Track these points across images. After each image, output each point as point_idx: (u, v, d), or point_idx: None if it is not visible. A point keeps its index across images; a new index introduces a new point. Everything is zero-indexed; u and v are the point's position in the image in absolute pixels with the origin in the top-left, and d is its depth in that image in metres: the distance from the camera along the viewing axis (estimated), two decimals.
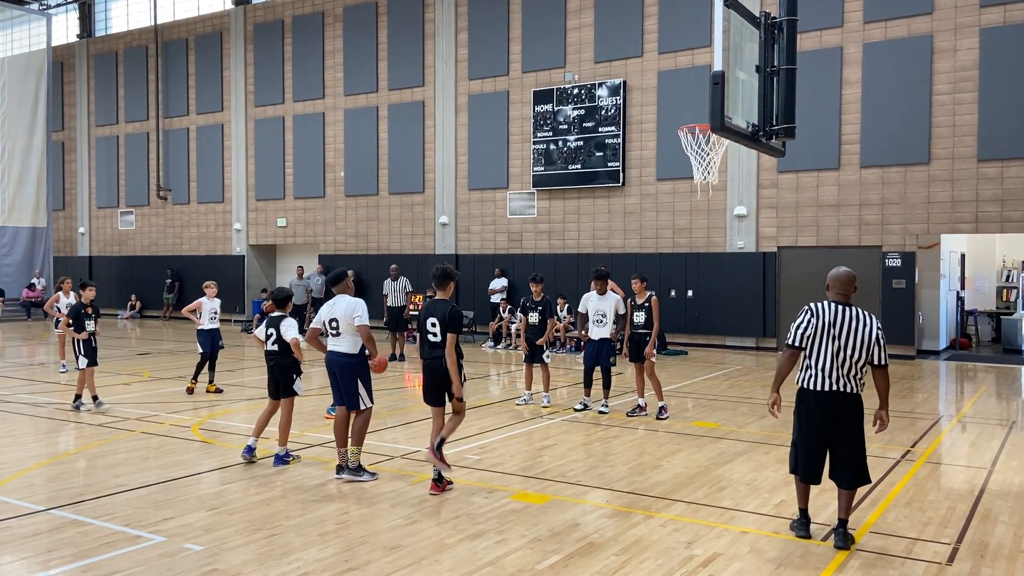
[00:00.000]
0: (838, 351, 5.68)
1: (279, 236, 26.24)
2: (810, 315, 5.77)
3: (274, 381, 8.06)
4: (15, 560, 5.48)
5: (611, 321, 10.61)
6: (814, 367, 5.74)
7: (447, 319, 6.84)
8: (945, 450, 9.06)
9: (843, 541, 5.66)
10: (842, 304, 5.79)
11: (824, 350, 5.70)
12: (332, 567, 5.31)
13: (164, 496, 6.87)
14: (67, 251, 31.51)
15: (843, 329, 5.69)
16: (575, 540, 5.82)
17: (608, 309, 10.60)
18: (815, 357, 5.74)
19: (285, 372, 8.00)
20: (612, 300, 10.62)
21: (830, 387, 5.70)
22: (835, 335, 5.69)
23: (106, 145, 30.35)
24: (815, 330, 5.73)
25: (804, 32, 16.22)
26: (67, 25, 32.08)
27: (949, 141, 16.77)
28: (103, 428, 9.78)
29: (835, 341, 5.68)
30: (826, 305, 5.80)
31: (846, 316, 5.72)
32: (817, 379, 5.73)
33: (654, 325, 10.45)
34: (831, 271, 5.98)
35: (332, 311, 7.49)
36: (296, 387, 8.04)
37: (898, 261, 17.24)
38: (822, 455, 5.82)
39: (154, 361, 16.61)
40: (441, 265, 7.12)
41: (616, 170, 19.99)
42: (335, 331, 7.47)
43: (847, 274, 5.88)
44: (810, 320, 5.75)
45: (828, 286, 5.93)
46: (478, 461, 8.07)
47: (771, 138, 8.55)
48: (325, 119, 24.89)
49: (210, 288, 12.28)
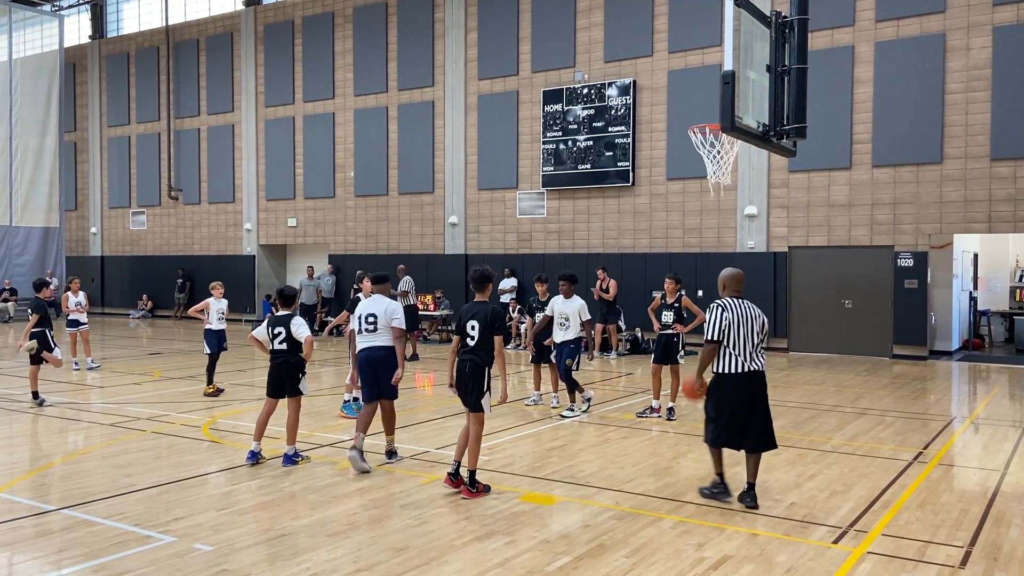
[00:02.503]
0: (748, 337, 6.61)
1: (289, 236, 26.31)
2: (724, 311, 6.63)
3: (279, 380, 8.00)
4: (27, 560, 5.50)
5: (575, 325, 10.59)
6: (733, 353, 6.60)
7: (489, 320, 6.84)
8: (958, 452, 8.99)
9: (754, 501, 6.56)
10: (737, 298, 6.75)
11: (739, 338, 6.59)
12: (341, 567, 5.30)
13: (174, 496, 6.89)
14: (79, 251, 31.68)
15: (747, 318, 6.64)
16: (585, 542, 5.80)
17: (572, 313, 10.59)
18: (732, 345, 6.59)
19: (292, 371, 7.96)
20: (577, 304, 10.60)
21: (748, 368, 6.59)
22: (742, 324, 6.61)
23: (118, 145, 30.51)
24: (729, 324, 6.59)
25: (815, 31, 16.15)
26: (79, 26, 32.26)
27: (962, 140, 16.65)
28: (114, 428, 9.82)
29: (743, 328, 6.60)
30: (729, 301, 6.71)
31: (745, 308, 6.69)
32: (737, 363, 6.59)
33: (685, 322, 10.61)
34: (724, 271, 6.94)
35: (372, 307, 7.87)
36: (302, 386, 8.03)
37: (910, 261, 17.14)
38: (742, 425, 6.63)
39: (165, 361, 16.68)
40: (480, 267, 7.08)
41: (626, 170, 19.95)
42: (371, 327, 7.81)
43: (740, 273, 6.91)
44: (725, 315, 6.61)
45: (724, 285, 6.85)
46: (487, 462, 8.06)
47: (782, 138, 8.51)
48: (335, 119, 24.94)
49: (217, 289, 12.28)
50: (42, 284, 11.88)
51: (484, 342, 6.85)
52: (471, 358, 6.86)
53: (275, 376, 8.04)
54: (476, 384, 6.84)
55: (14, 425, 10.05)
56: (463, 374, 6.91)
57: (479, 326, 6.85)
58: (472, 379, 6.85)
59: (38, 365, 11.19)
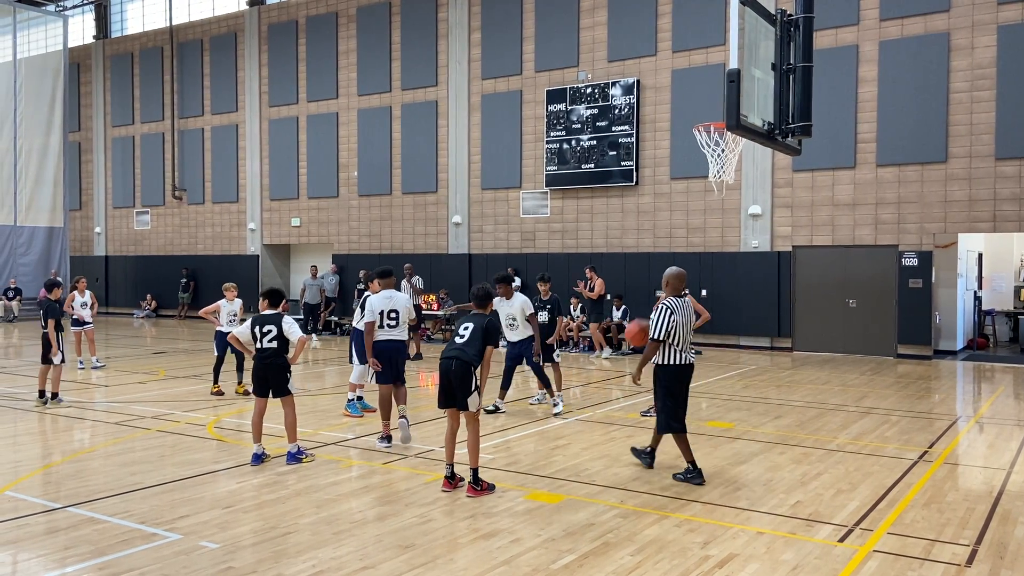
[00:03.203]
0: (687, 333, 7.42)
1: (293, 236, 26.33)
2: (672, 312, 7.29)
3: (264, 380, 7.89)
4: (33, 557, 5.52)
5: (522, 322, 10.56)
6: (676, 349, 7.35)
7: (484, 328, 6.97)
8: (963, 451, 8.98)
9: (700, 477, 7.26)
10: (678, 297, 7.44)
11: (681, 335, 7.35)
12: (346, 565, 5.31)
13: (180, 494, 6.90)
14: (83, 251, 31.75)
15: (687, 317, 7.41)
16: (590, 540, 5.80)
17: (516, 312, 10.58)
18: (677, 342, 7.34)
19: (279, 372, 7.89)
20: (519, 302, 10.52)
21: (686, 360, 7.42)
22: (683, 322, 7.34)
23: (122, 145, 30.56)
24: (675, 323, 7.28)
25: (820, 30, 16.14)
26: (83, 26, 32.31)
27: (966, 139, 16.62)
28: (119, 427, 9.84)
29: (684, 327, 7.35)
30: (674, 302, 7.37)
31: (685, 305, 7.44)
32: (679, 357, 7.37)
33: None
34: (668, 271, 7.60)
35: (393, 304, 8.66)
36: (291, 386, 8.00)
37: (915, 260, 17.11)
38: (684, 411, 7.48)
39: (169, 360, 16.70)
40: (482, 285, 7.48)
41: (630, 169, 19.94)
42: (393, 323, 8.62)
43: (683, 273, 7.61)
44: (673, 317, 7.28)
45: (668, 283, 7.51)
46: (492, 460, 8.06)
47: (787, 136, 8.50)
48: (339, 119, 24.96)
49: (230, 291, 12.03)
50: (53, 284, 11.86)
51: (474, 341, 6.92)
52: (458, 354, 6.88)
53: (261, 375, 7.90)
54: (463, 384, 6.84)
55: (19, 423, 10.08)
56: (448, 372, 6.91)
57: (473, 326, 7.01)
58: (459, 378, 6.85)
59: (48, 365, 11.16)
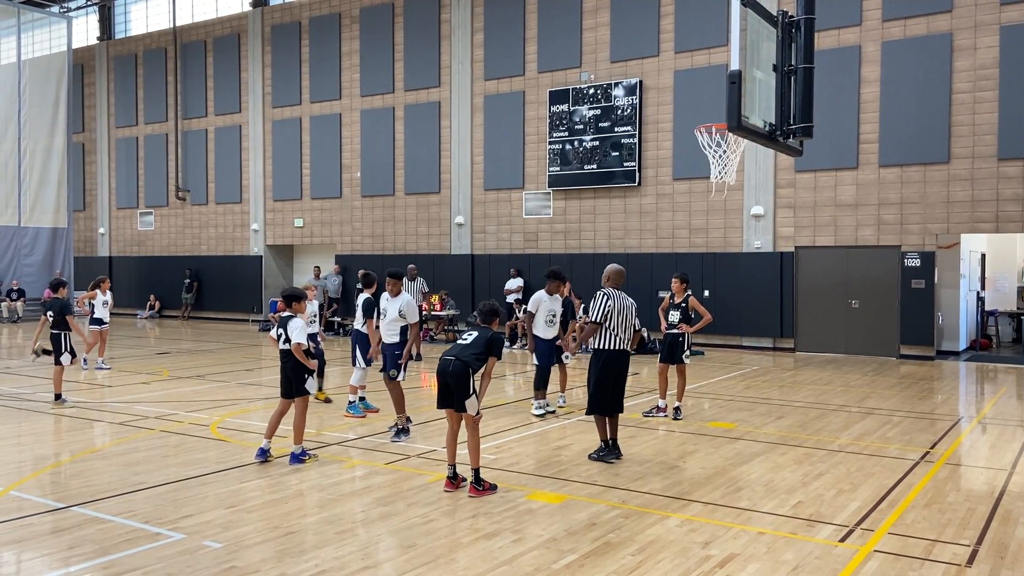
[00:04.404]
0: (623, 322, 8.14)
1: (296, 236, 26.37)
2: (608, 299, 8.12)
3: (287, 380, 8.05)
4: (37, 556, 5.55)
5: (559, 321, 10.80)
6: (611, 334, 8.10)
7: (488, 340, 7.05)
8: (965, 451, 8.98)
9: (619, 453, 8.15)
10: (617, 290, 8.28)
11: (617, 322, 8.10)
12: (349, 565, 5.34)
13: (183, 494, 6.93)
14: (87, 251, 31.82)
15: (623, 307, 8.17)
16: (591, 540, 5.82)
17: (558, 310, 10.83)
18: (612, 328, 8.09)
19: (297, 372, 7.97)
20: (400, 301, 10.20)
21: (620, 347, 8.13)
22: (620, 311, 8.12)
23: (126, 146, 30.62)
24: (611, 310, 8.08)
25: (822, 31, 16.16)
26: (87, 27, 32.39)
27: (969, 140, 16.62)
28: (123, 427, 9.87)
29: (620, 315, 8.12)
30: (612, 291, 8.22)
31: (622, 298, 8.22)
32: (614, 342, 8.11)
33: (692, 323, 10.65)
34: (609, 267, 8.47)
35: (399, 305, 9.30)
36: (308, 386, 8.04)
37: (917, 261, 17.11)
38: (611, 396, 8.14)
39: (173, 360, 16.74)
40: (488, 302, 7.65)
41: (632, 170, 19.95)
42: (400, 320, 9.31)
43: (622, 270, 8.50)
44: (608, 303, 8.10)
45: (608, 277, 8.36)
46: (494, 460, 8.09)
47: (789, 137, 8.51)
48: (342, 120, 25.00)
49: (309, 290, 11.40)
50: (60, 284, 11.92)
51: (475, 346, 6.97)
52: (457, 355, 6.92)
53: (283, 376, 8.08)
54: (460, 385, 6.87)
55: (23, 424, 10.11)
56: (444, 371, 6.94)
57: (477, 334, 7.10)
58: (455, 379, 6.87)
59: (61, 366, 11.22)
